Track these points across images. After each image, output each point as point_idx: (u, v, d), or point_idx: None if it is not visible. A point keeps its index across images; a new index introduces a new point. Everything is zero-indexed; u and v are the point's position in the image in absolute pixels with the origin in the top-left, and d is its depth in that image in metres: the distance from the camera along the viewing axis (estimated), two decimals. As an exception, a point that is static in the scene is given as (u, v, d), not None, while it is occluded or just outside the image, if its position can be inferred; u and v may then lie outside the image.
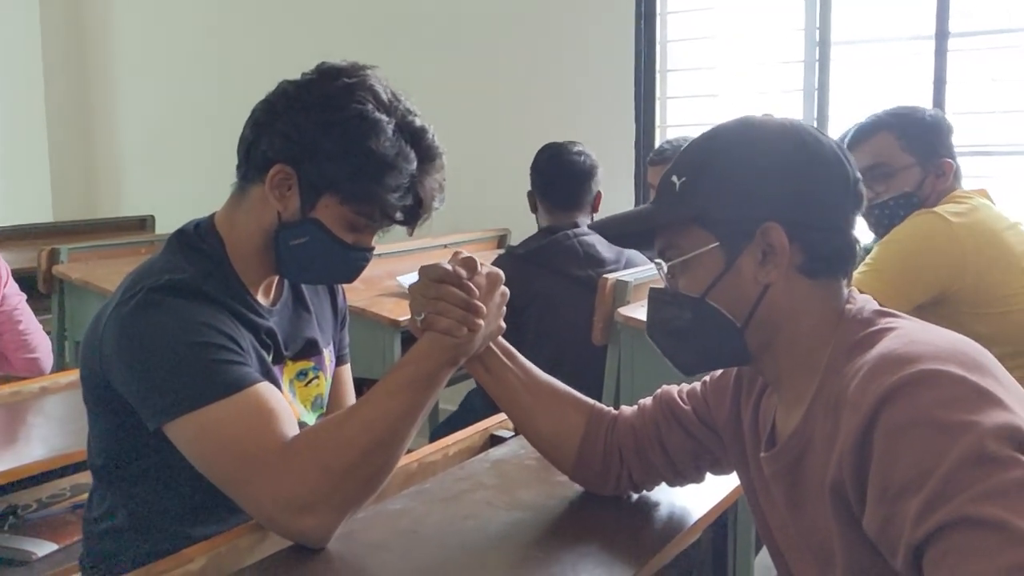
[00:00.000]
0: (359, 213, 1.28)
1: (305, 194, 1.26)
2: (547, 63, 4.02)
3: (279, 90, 1.31)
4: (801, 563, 1.06)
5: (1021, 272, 2.00)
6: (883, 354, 0.90)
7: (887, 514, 0.84)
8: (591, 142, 2.83)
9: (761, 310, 1.02)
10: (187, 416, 1.13)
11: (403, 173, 1.25)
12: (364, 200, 1.26)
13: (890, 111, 2.19)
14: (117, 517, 1.29)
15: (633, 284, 2.32)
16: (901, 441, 0.83)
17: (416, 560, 1.11)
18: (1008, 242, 2.03)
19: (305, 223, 1.27)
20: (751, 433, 1.14)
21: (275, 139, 1.26)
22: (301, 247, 1.28)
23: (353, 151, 1.23)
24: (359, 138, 1.23)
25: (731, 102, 3.83)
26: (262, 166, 1.27)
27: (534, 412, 1.30)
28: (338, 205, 1.27)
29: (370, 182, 1.24)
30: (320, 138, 1.24)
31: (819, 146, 1.03)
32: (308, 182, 1.26)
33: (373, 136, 1.23)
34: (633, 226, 1.16)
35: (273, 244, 1.29)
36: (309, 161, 1.25)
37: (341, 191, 1.26)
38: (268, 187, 1.26)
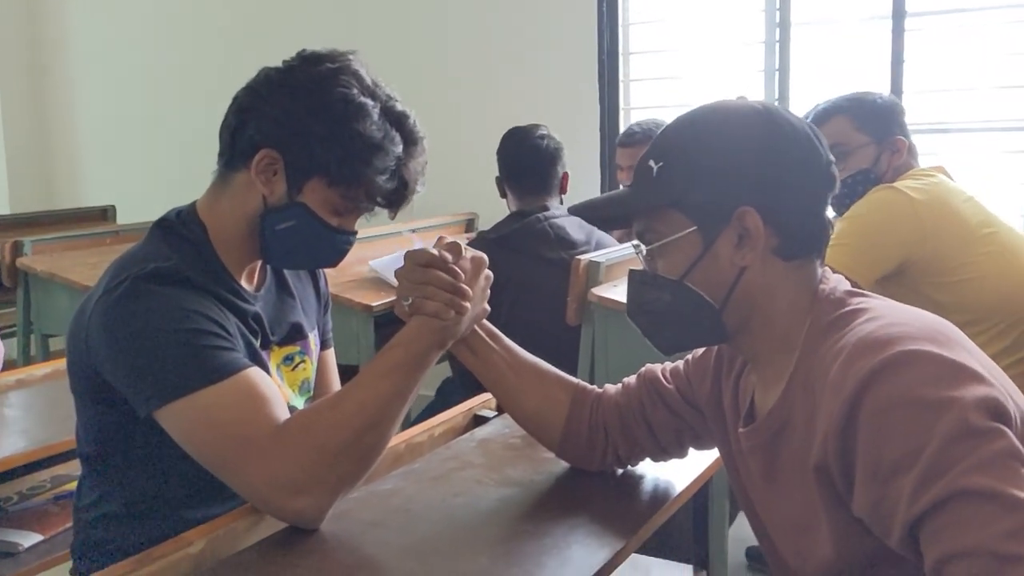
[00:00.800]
0: (345, 197, 1.29)
1: (291, 178, 1.28)
2: (511, 47, 4.04)
3: (261, 76, 1.32)
4: (779, 533, 1.11)
5: (976, 241, 2.08)
6: (861, 338, 0.94)
7: (879, 495, 0.87)
8: (556, 125, 2.86)
9: (738, 292, 1.05)
10: (178, 402, 1.14)
11: (390, 156, 1.28)
12: (352, 183, 1.28)
13: (844, 96, 2.26)
14: (110, 504, 1.30)
15: (605, 264, 2.35)
16: (886, 422, 0.87)
17: (411, 536, 1.14)
18: (964, 214, 2.10)
19: (292, 207, 1.29)
20: (731, 409, 1.18)
21: (262, 123, 1.27)
22: (287, 231, 1.29)
23: (341, 134, 1.25)
24: (347, 121, 1.25)
25: (693, 84, 3.88)
26: (247, 151, 1.28)
27: (520, 392, 1.33)
28: (325, 188, 1.28)
29: (359, 165, 1.26)
30: (308, 121, 1.25)
31: (792, 130, 1.06)
32: (295, 166, 1.27)
33: (360, 119, 1.25)
34: (611, 210, 1.19)
35: (258, 229, 1.31)
36: (296, 145, 1.26)
37: (329, 174, 1.27)
38: (254, 172, 1.27)
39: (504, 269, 2.52)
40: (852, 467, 0.91)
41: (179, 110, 5.00)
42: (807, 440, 0.99)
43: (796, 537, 1.04)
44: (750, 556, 2.63)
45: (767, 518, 1.13)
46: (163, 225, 1.33)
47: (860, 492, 0.90)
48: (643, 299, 1.13)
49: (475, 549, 1.11)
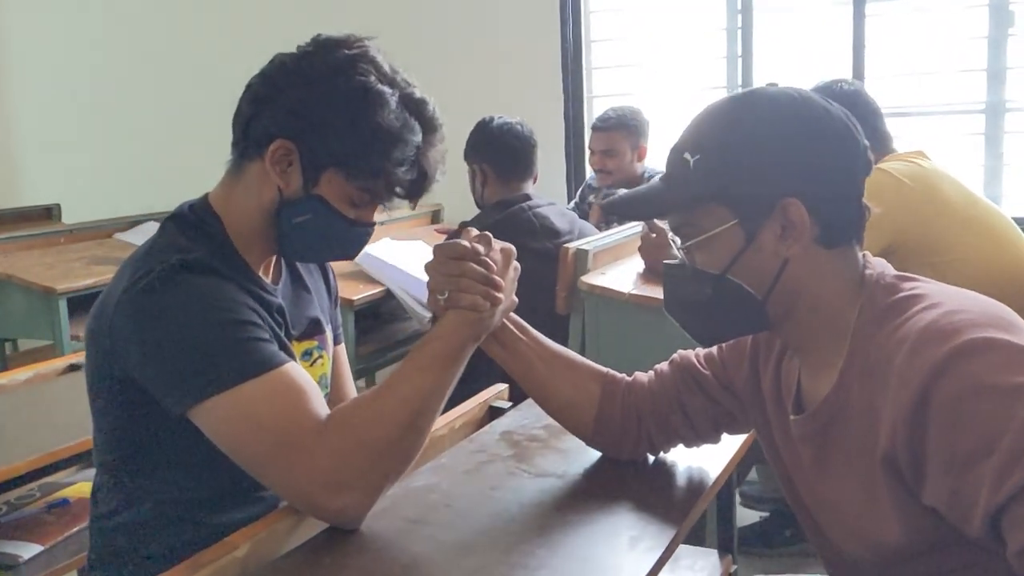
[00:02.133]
0: (363, 189, 1.26)
1: (307, 170, 1.24)
2: (473, 37, 4.01)
3: (276, 64, 1.27)
4: (829, 522, 1.11)
5: (962, 222, 2.12)
6: (925, 326, 0.94)
7: (955, 484, 0.87)
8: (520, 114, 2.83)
9: (782, 283, 1.05)
10: (218, 397, 1.10)
11: (409, 146, 1.24)
12: (370, 175, 1.24)
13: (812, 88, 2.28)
14: (134, 511, 1.25)
15: (593, 252, 2.35)
16: (960, 411, 0.87)
17: (458, 532, 1.12)
18: (949, 195, 2.15)
19: (308, 200, 1.25)
20: (773, 395, 1.18)
21: (277, 114, 1.23)
22: (304, 225, 1.26)
23: (359, 125, 1.21)
24: (365, 111, 1.21)
25: (656, 71, 3.90)
26: (262, 142, 1.24)
27: (550, 382, 1.31)
28: (342, 181, 1.24)
29: (377, 156, 1.22)
30: (324, 112, 1.22)
31: (829, 116, 1.05)
32: (310, 157, 1.23)
33: (379, 109, 1.22)
34: (646, 205, 1.17)
35: (274, 222, 1.27)
36: (313, 136, 1.22)
37: (346, 166, 1.23)
38: (268, 163, 1.23)
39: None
40: (922, 457, 0.91)
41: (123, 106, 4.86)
42: (868, 428, 0.99)
43: (853, 523, 1.04)
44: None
45: (815, 503, 1.13)
46: (177, 219, 1.28)
47: (933, 482, 0.90)
48: (681, 293, 1.12)
49: (527, 542, 1.10)
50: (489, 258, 1.21)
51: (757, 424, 1.23)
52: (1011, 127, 3.35)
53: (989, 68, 3.34)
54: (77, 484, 1.85)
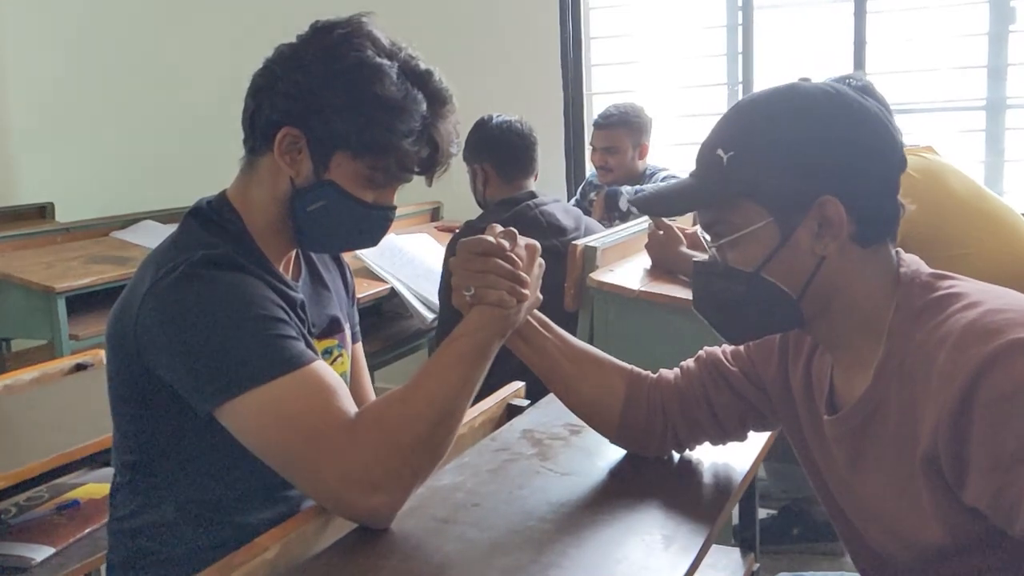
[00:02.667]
0: (374, 167, 1.23)
1: (316, 155, 1.22)
2: (472, 34, 3.99)
3: (276, 53, 1.26)
4: (865, 521, 1.10)
5: (971, 216, 2.12)
6: (966, 325, 0.93)
7: (1000, 483, 0.86)
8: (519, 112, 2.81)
9: (817, 281, 1.03)
10: (247, 395, 1.08)
11: (414, 116, 1.21)
12: (378, 151, 1.21)
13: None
14: (157, 512, 1.23)
15: (602, 249, 2.34)
16: (1005, 410, 0.86)
17: (490, 531, 1.10)
18: (958, 190, 2.14)
19: (320, 186, 1.23)
20: (804, 393, 1.17)
21: (277, 101, 1.22)
22: (319, 212, 1.24)
23: (359, 100, 1.19)
24: (362, 85, 1.19)
25: (655, 68, 3.89)
26: (268, 132, 1.23)
27: (576, 380, 1.30)
28: (351, 161, 1.22)
29: (381, 129, 1.20)
30: (322, 92, 1.20)
31: (866, 113, 1.04)
32: (317, 141, 1.21)
33: (377, 81, 1.19)
34: (679, 202, 1.15)
35: (289, 213, 1.25)
36: (315, 118, 1.20)
37: (352, 145, 1.21)
38: (277, 152, 1.22)
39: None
40: (965, 456, 0.90)
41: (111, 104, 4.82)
42: (907, 428, 0.98)
43: (891, 522, 1.03)
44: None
45: (849, 502, 1.12)
46: (198, 215, 1.27)
47: (977, 482, 0.89)
48: (713, 290, 1.11)
49: (559, 541, 1.08)
50: (514, 254, 1.20)
51: (786, 421, 1.22)
52: (1012, 123, 3.36)
53: (990, 64, 3.35)
54: (87, 485, 1.82)
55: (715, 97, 3.77)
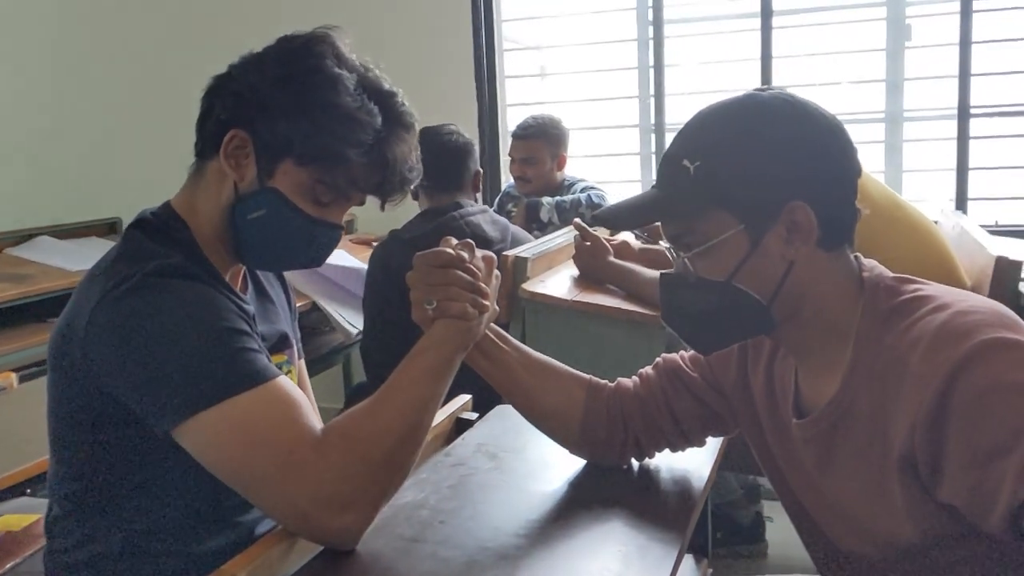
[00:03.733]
0: (321, 181, 1.18)
1: (262, 160, 1.17)
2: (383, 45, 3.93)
3: (242, 57, 1.22)
4: (833, 521, 1.11)
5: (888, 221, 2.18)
6: (938, 327, 0.95)
7: (976, 480, 0.88)
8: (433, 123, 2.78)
9: (787, 286, 1.05)
10: (212, 410, 1.03)
11: (365, 129, 1.17)
12: (324, 160, 1.16)
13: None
14: (101, 543, 1.15)
15: (532, 259, 2.33)
16: (980, 408, 0.88)
17: (461, 550, 1.08)
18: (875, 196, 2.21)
19: (262, 193, 1.18)
20: (766, 396, 1.18)
21: (227, 101, 1.18)
22: (259, 221, 1.18)
23: (308, 104, 1.15)
24: (314, 90, 1.15)
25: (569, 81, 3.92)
26: (217, 134, 1.18)
27: (535, 391, 1.29)
28: (297, 170, 1.17)
29: (328, 138, 1.15)
30: (272, 93, 1.16)
31: (825, 120, 1.06)
32: (264, 146, 1.17)
33: (330, 88, 1.16)
34: (645, 216, 1.15)
35: (230, 222, 1.20)
36: (263, 120, 1.16)
37: (298, 151, 1.16)
38: (223, 154, 1.17)
39: (422, 269, 2.47)
40: (941, 455, 0.92)
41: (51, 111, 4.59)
42: (878, 429, 1.00)
43: (862, 522, 1.05)
44: None
45: (816, 504, 1.13)
46: (142, 225, 1.20)
47: (952, 479, 0.91)
48: (682, 303, 1.11)
49: (533, 556, 1.07)
50: (473, 265, 1.18)
51: (746, 425, 1.23)
52: (909, 135, 3.51)
53: (888, 79, 3.49)
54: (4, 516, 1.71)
55: (627, 109, 3.82)
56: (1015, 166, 3.43)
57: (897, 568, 1.04)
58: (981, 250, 2.25)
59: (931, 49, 3.48)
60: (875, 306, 1.04)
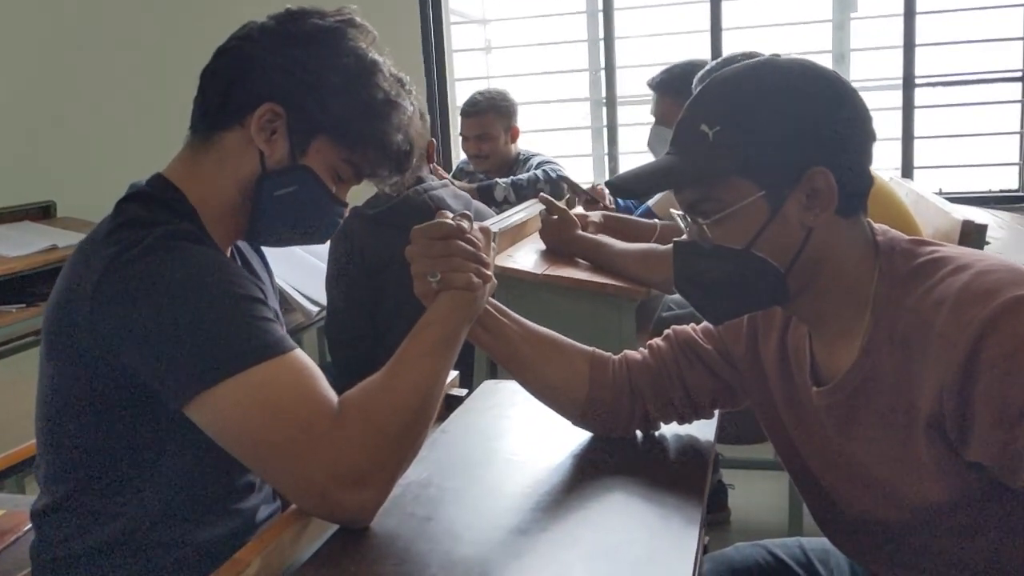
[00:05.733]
0: (349, 161, 1.19)
1: (296, 137, 1.15)
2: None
3: (256, 29, 1.18)
4: (852, 489, 1.11)
5: None
6: (961, 287, 0.94)
7: (1007, 437, 0.89)
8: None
9: (805, 253, 1.03)
10: (232, 380, 0.98)
11: (404, 114, 1.19)
12: (363, 144, 1.17)
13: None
14: (98, 535, 1.10)
15: (498, 235, 2.30)
16: (1009, 368, 0.88)
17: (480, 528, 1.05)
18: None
19: (295, 170, 1.16)
20: (779, 367, 1.17)
21: (270, 74, 1.14)
22: (286, 198, 1.16)
23: (357, 88, 1.15)
24: (362, 75, 1.16)
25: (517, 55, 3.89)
26: (247, 106, 1.14)
27: (537, 364, 1.26)
28: (331, 149, 1.17)
29: (373, 123, 1.17)
30: (322, 73, 1.14)
31: (843, 85, 1.05)
32: (301, 123, 1.15)
33: (377, 72, 1.17)
34: (662, 182, 1.12)
35: (253, 196, 1.16)
36: (308, 98, 1.14)
37: (339, 132, 1.16)
38: (255, 128, 1.13)
39: (387, 248, 2.42)
40: (970, 415, 0.92)
41: None
42: (904, 391, 0.99)
43: (886, 485, 1.04)
44: None
45: (832, 472, 1.12)
46: (138, 198, 1.14)
47: (982, 437, 0.91)
48: (697, 271, 1.08)
49: (559, 530, 1.04)
50: (473, 236, 1.16)
51: (755, 397, 1.23)
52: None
53: (834, 50, 3.53)
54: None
55: (577, 82, 3.80)
56: (958, 134, 3.50)
57: (919, 531, 1.05)
58: (942, 215, 2.29)
59: (876, 20, 3.53)
60: (892, 270, 1.04)
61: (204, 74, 1.18)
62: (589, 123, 3.83)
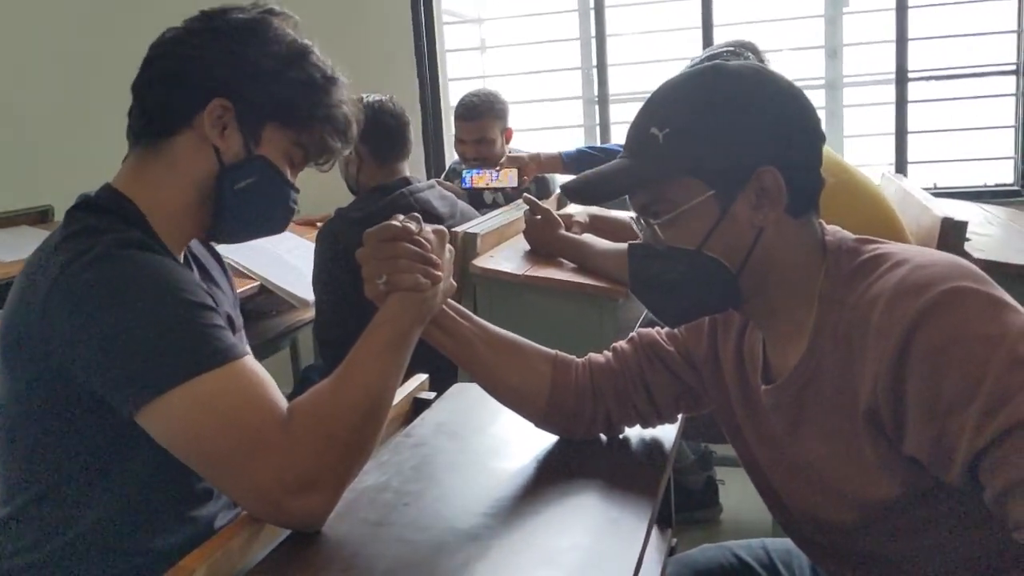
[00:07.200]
0: (298, 143, 1.22)
1: (247, 127, 1.17)
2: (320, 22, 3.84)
3: (181, 31, 1.20)
4: (796, 491, 1.11)
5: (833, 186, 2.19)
6: (898, 281, 0.95)
7: (937, 431, 0.89)
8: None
9: (755, 253, 1.04)
10: (181, 387, 0.99)
11: (340, 91, 1.23)
12: (311, 122, 1.21)
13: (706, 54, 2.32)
14: (52, 544, 1.10)
15: (482, 235, 2.30)
16: (940, 360, 0.88)
17: (430, 532, 1.05)
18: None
19: (252, 161, 1.18)
20: (735, 369, 1.17)
21: (211, 69, 1.16)
22: (247, 189, 1.19)
23: (294, 71, 1.19)
24: (298, 57, 1.20)
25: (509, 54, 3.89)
26: (194, 105, 1.16)
27: (498, 366, 1.27)
28: (282, 134, 1.20)
29: (315, 100, 1.20)
30: (260, 60, 1.17)
31: (789, 87, 1.07)
32: (250, 113, 1.17)
33: (310, 53, 1.21)
34: (615, 184, 1.11)
35: (214, 193, 1.18)
36: (252, 86, 1.17)
37: (288, 115, 1.20)
38: (208, 125, 1.15)
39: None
40: (904, 408, 0.92)
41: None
42: (846, 388, 1.00)
43: (835, 484, 1.04)
44: None
45: (787, 471, 1.12)
46: (86, 207, 1.15)
47: (915, 431, 0.92)
48: (651, 273, 1.09)
49: (504, 535, 1.04)
50: (423, 237, 1.16)
51: (716, 400, 1.23)
52: (849, 100, 3.55)
53: (827, 45, 3.52)
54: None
55: (570, 81, 3.80)
56: (952, 129, 3.48)
57: (870, 531, 1.04)
58: (926, 212, 2.28)
59: (869, 15, 3.52)
60: (838, 269, 1.04)
61: (138, 86, 1.20)
62: (582, 121, 3.82)
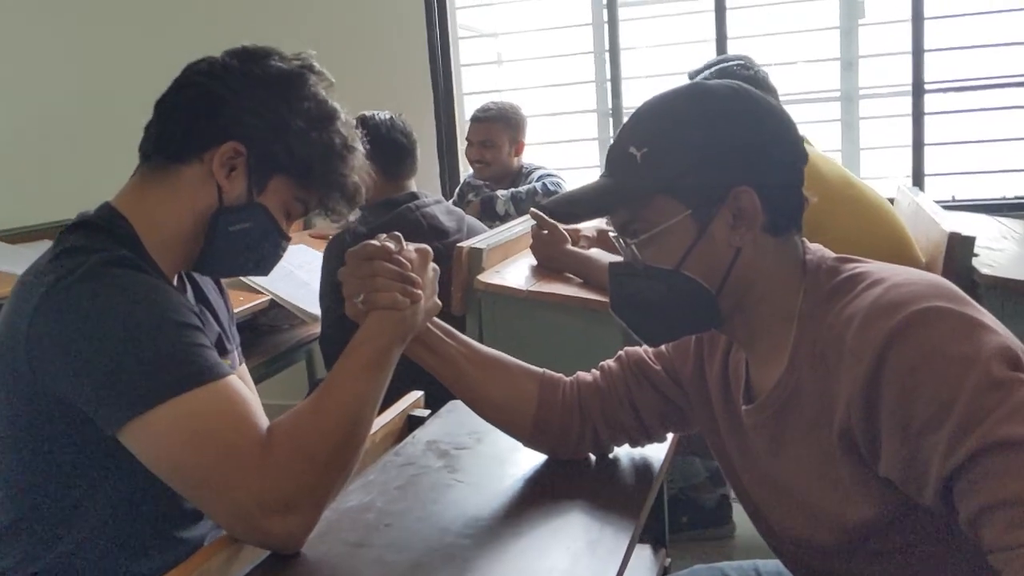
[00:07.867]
0: (299, 199, 1.23)
1: (255, 175, 1.19)
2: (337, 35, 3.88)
3: (219, 65, 1.22)
4: (779, 512, 1.10)
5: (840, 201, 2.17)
6: (873, 301, 0.94)
7: (910, 452, 0.88)
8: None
9: (734, 273, 1.04)
10: (163, 406, 1.00)
11: (358, 158, 1.25)
12: (321, 184, 1.22)
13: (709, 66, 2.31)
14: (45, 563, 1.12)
15: (487, 250, 2.30)
16: (912, 380, 0.87)
17: (408, 553, 1.05)
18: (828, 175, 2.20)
19: (251, 207, 1.20)
20: (720, 389, 1.17)
21: (239, 115, 1.18)
22: (239, 233, 1.20)
23: (319, 131, 1.20)
24: (325, 120, 1.21)
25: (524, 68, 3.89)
26: (211, 142, 1.18)
27: (484, 385, 1.27)
28: (287, 188, 1.21)
29: (336, 162, 1.22)
30: (289, 117, 1.19)
31: (769, 106, 1.06)
32: (262, 163, 1.19)
33: (337, 119, 1.23)
34: (595, 202, 1.12)
35: (207, 229, 1.19)
36: (272, 140, 1.18)
37: (299, 173, 1.21)
38: (216, 164, 1.17)
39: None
40: (877, 429, 0.91)
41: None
42: (823, 408, 0.99)
43: (814, 506, 1.03)
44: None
45: (769, 493, 1.11)
46: (83, 226, 1.17)
47: (889, 452, 0.91)
48: (630, 292, 1.09)
49: (482, 557, 1.04)
50: (403, 256, 1.17)
51: (702, 419, 1.22)
52: (865, 112, 3.51)
53: (842, 57, 3.49)
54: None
55: (584, 94, 3.80)
56: (970, 141, 3.44)
57: (853, 553, 1.03)
58: (935, 226, 2.26)
59: (884, 26, 3.48)
60: (816, 288, 1.03)
61: (163, 105, 1.22)
62: (596, 135, 3.82)
